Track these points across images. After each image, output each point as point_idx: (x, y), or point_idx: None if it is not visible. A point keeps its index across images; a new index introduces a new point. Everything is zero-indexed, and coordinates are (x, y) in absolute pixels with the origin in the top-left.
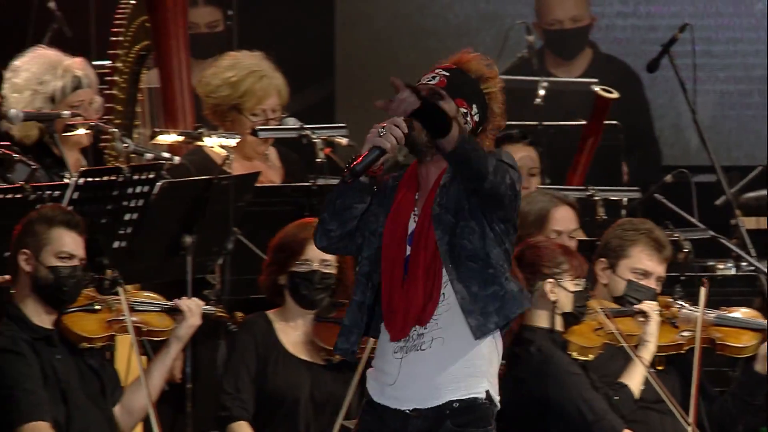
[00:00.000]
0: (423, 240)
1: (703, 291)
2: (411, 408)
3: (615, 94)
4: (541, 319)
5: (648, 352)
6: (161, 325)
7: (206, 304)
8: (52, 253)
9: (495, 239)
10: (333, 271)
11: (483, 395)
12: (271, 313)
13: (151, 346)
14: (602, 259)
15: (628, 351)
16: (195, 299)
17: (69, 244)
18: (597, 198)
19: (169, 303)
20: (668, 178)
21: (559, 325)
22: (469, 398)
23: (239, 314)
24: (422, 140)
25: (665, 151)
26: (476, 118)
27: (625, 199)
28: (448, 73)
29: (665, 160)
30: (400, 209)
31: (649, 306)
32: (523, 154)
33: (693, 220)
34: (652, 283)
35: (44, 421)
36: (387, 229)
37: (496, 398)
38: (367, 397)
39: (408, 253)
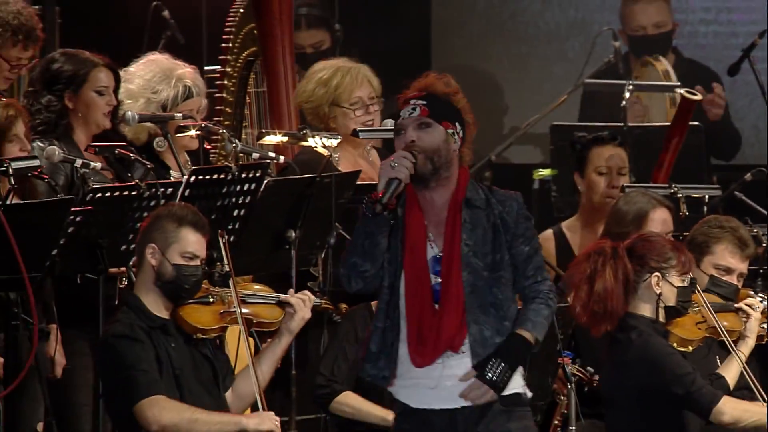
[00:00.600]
0: (455, 274)
1: None
2: (460, 405)
3: (699, 96)
4: (645, 309)
5: (747, 347)
6: (271, 317)
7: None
8: (178, 251)
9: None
10: None
11: (521, 390)
12: (374, 304)
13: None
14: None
15: (728, 345)
16: (307, 293)
17: (194, 244)
18: (680, 195)
19: (279, 295)
20: (748, 176)
21: (661, 317)
22: (512, 394)
23: (343, 305)
24: (428, 169)
25: (745, 151)
26: (460, 133)
27: (706, 197)
28: (424, 102)
29: (745, 159)
30: (415, 238)
31: (753, 303)
32: (611, 155)
33: None
34: (734, 280)
35: (161, 395)
36: (407, 260)
37: (528, 391)
38: (399, 408)
39: (433, 282)
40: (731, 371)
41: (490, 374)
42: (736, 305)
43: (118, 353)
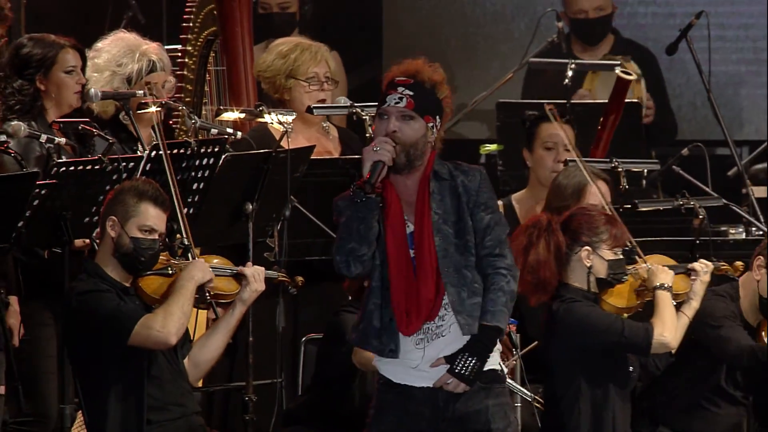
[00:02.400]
0: (426, 243)
1: None
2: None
3: (634, 76)
4: (577, 280)
5: (691, 309)
6: (228, 289)
7: (268, 269)
8: (137, 225)
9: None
10: None
11: (498, 367)
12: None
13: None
14: (760, 257)
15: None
16: (259, 267)
17: (153, 218)
18: (620, 169)
19: (236, 269)
20: (685, 151)
21: (593, 287)
22: (489, 370)
23: (299, 278)
24: (402, 161)
25: (683, 127)
26: (438, 125)
27: (645, 171)
28: (411, 93)
29: (683, 134)
30: (394, 217)
31: (701, 265)
32: (558, 132)
33: (707, 189)
34: None
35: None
36: (389, 238)
37: (504, 367)
38: (382, 380)
39: (412, 255)
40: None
41: (459, 368)
42: (687, 266)
43: (89, 306)
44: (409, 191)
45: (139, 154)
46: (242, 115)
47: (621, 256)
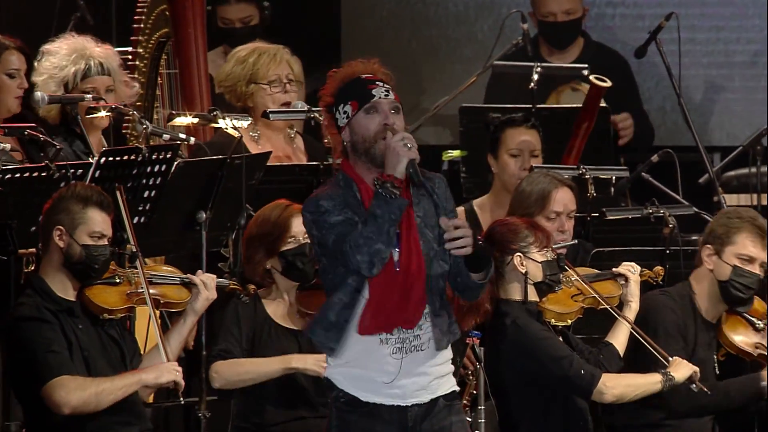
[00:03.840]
0: (413, 245)
1: None
2: (411, 403)
3: (608, 83)
4: (514, 292)
5: (632, 312)
6: (178, 298)
7: (220, 277)
8: (86, 232)
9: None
10: None
11: (457, 388)
12: (261, 291)
13: (168, 316)
14: (708, 246)
15: (611, 311)
16: (210, 274)
17: (101, 224)
18: (588, 176)
19: (186, 277)
20: (654, 157)
21: (533, 296)
22: (451, 391)
23: (251, 286)
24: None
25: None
26: None
27: (614, 178)
28: (389, 86)
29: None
30: None
31: (627, 268)
32: (526, 138)
33: (678, 197)
34: (756, 269)
35: (71, 375)
36: None
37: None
38: (344, 398)
39: (396, 258)
40: (619, 337)
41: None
42: (613, 270)
43: (26, 335)
44: None
45: (88, 160)
46: (195, 120)
47: (554, 258)
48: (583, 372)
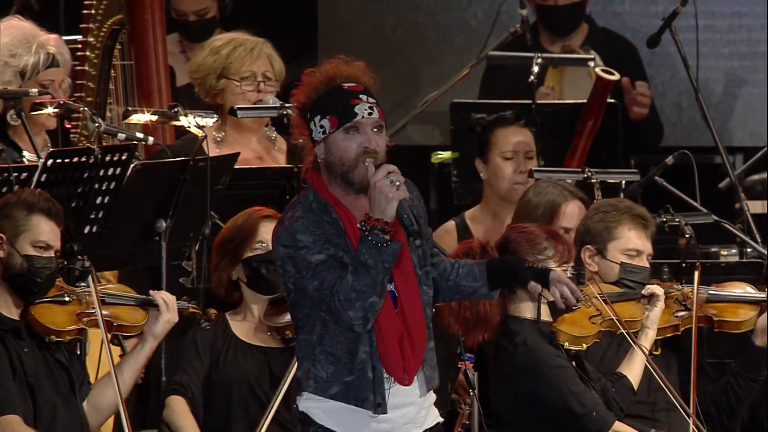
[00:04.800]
0: (410, 277)
1: (696, 273)
2: None
3: (616, 76)
4: (526, 309)
5: (648, 340)
6: (133, 320)
7: (180, 298)
8: (29, 241)
9: None
10: None
11: (441, 419)
12: (229, 314)
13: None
14: (588, 246)
15: (628, 338)
16: (170, 295)
17: (47, 233)
18: (594, 181)
19: (143, 297)
20: (669, 159)
21: (546, 315)
22: (436, 423)
23: (212, 311)
24: (366, 182)
25: (666, 131)
26: None
27: (623, 182)
28: (374, 100)
29: (666, 140)
30: None
31: (656, 287)
32: (518, 138)
33: (695, 204)
34: (644, 262)
35: (15, 414)
36: None
37: None
38: None
39: (390, 288)
40: (633, 369)
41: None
42: (642, 292)
43: None
44: (361, 213)
45: (33, 162)
46: (154, 118)
47: (571, 275)
48: (595, 414)
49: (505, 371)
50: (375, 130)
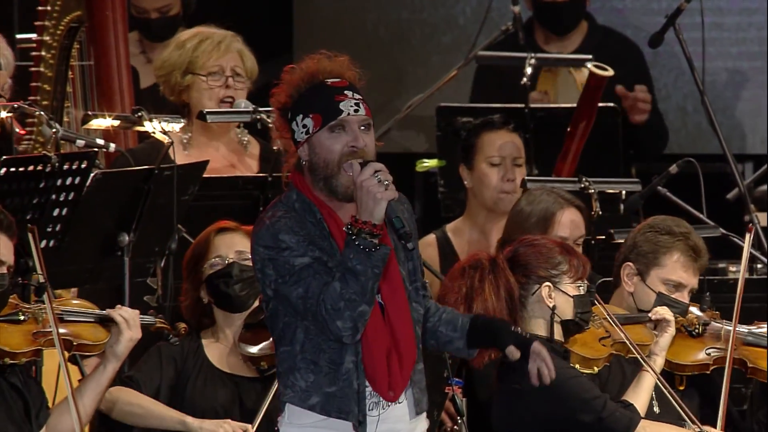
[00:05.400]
0: (397, 287)
1: (735, 312)
2: None
3: (610, 72)
4: (538, 327)
5: (657, 367)
6: (94, 338)
7: (145, 313)
8: None
9: None
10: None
11: None
12: (202, 333)
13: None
14: (629, 264)
15: (642, 362)
16: (133, 310)
17: None
18: (591, 191)
19: (104, 313)
20: (673, 168)
21: (558, 334)
22: None
23: (182, 325)
24: (349, 192)
25: (670, 138)
26: None
27: (623, 193)
28: (360, 97)
29: (670, 147)
30: None
31: (667, 311)
32: (506, 143)
33: (701, 216)
34: (684, 297)
35: None
36: None
37: None
38: None
39: (379, 300)
40: (641, 395)
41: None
42: (650, 315)
43: None
44: (348, 216)
45: None
46: (116, 123)
47: (586, 292)
48: (619, 415)
49: (515, 390)
50: (362, 128)
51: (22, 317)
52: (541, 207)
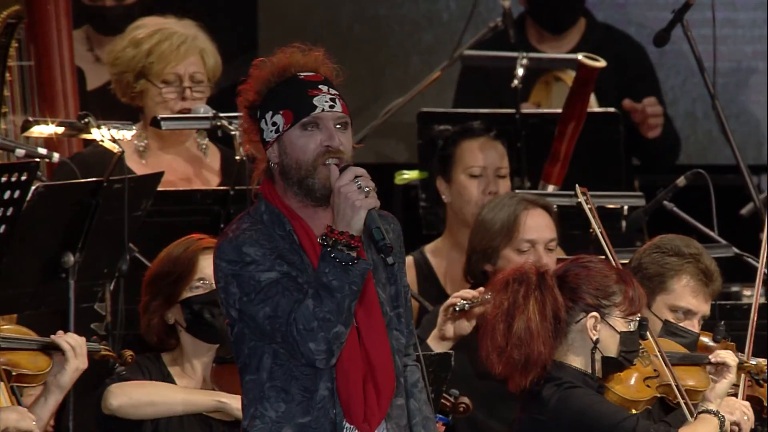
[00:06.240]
0: (373, 307)
1: None
2: None
3: (601, 63)
4: (575, 359)
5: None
6: (34, 368)
7: (88, 340)
8: None
9: None
10: None
11: None
12: (166, 357)
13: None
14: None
15: (686, 410)
16: (78, 337)
17: None
18: (589, 205)
19: (46, 340)
20: (681, 180)
21: (597, 371)
22: None
23: (129, 353)
24: (328, 187)
25: None
26: None
27: (625, 208)
28: (336, 92)
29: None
30: None
31: (730, 355)
32: (487, 152)
33: (712, 234)
34: (694, 326)
35: None
36: None
37: None
38: None
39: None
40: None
41: None
42: (710, 358)
43: None
44: (321, 228)
45: None
46: (60, 130)
47: (636, 329)
48: (653, 430)
49: (537, 419)
50: (338, 126)
51: None
52: (504, 213)
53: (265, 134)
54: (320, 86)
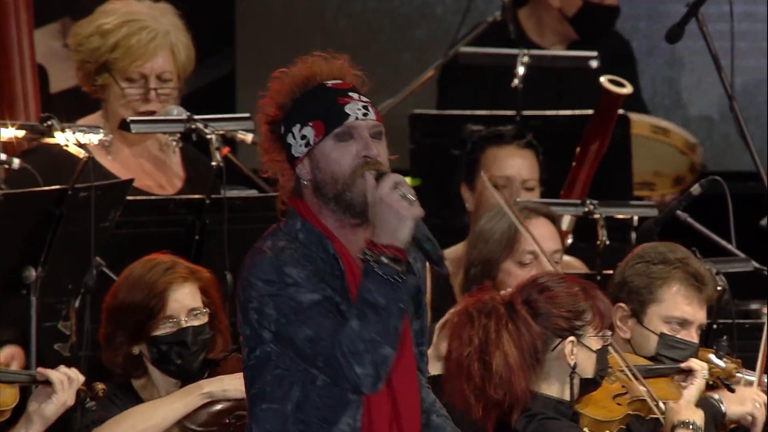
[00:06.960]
0: (406, 356)
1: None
2: None
3: (628, 89)
4: (551, 386)
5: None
6: (5, 402)
7: (54, 368)
8: None
9: None
10: (205, 318)
11: None
12: (136, 383)
13: None
14: (621, 305)
15: (663, 424)
16: (72, 369)
17: None
18: (597, 216)
19: (30, 372)
20: (695, 188)
21: (575, 394)
22: None
23: (100, 386)
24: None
25: None
26: None
27: (635, 218)
28: (368, 100)
29: None
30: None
31: (697, 363)
32: (517, 161)
33: (729, 246)
34: (693, 336)
35: None
36: None
37: None
38: None
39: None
40: None
41: None
42: (681, 365)
43: None
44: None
45: None
46: (20, 133)
47: (607, 343)
48: None
49: None
50: (374, 136)
51: None
52: (504, 221)
53: (294, 149)
54: (350, 93)
